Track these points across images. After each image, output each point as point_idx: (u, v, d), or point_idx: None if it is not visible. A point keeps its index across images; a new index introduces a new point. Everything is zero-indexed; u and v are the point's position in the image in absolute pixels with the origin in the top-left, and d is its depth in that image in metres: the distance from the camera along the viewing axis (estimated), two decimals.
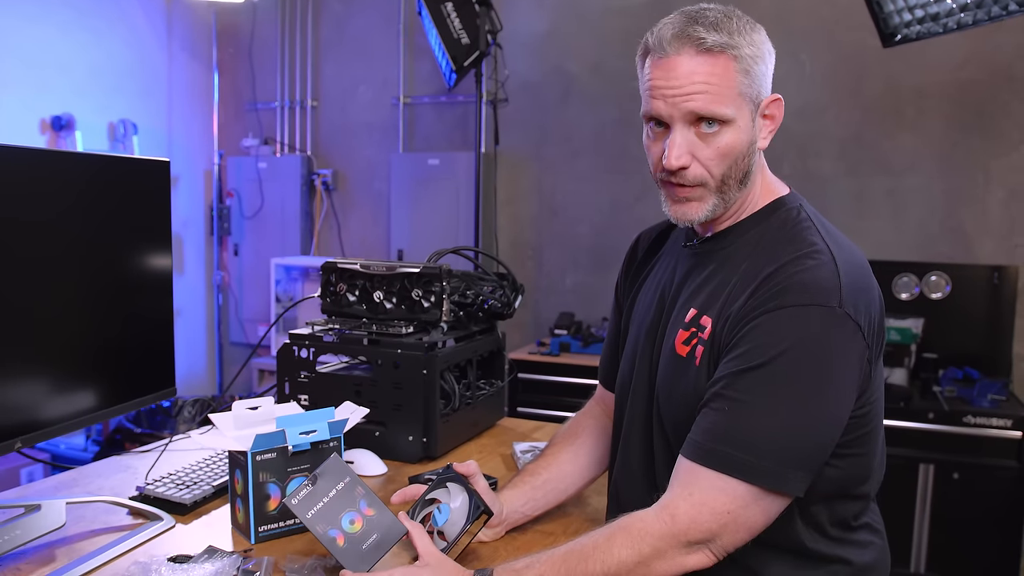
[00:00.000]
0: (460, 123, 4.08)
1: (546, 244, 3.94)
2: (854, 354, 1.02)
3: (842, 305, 1.00)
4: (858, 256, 1.10)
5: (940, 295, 3.12)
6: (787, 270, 1.04)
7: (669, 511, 1.01)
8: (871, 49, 2.87)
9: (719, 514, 0.99)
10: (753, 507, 1.00)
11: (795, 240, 1.08)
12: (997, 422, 2.69)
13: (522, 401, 3.36)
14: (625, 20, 3.58)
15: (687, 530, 0.99)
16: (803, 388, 1.00)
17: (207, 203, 4.59)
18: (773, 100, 1.12)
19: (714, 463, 1.00)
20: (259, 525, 1.21)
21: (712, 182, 1.10)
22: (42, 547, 1.18)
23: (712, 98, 1.06)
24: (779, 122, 1.14)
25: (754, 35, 1.10)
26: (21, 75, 3.57)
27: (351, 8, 4.31)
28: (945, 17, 2.16)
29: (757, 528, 1.02)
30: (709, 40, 1.06)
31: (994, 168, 3.14)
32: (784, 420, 1.00)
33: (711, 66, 1.06)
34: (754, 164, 1.12)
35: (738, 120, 1.07)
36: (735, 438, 1.00)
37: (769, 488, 0.99)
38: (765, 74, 1.10)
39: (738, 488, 0.99)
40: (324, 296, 1.75)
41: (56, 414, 1.25)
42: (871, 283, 1.08)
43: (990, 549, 2.72)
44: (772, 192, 1.17)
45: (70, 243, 1.27)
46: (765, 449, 0.99)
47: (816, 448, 1.02)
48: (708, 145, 1.08)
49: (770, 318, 1.01)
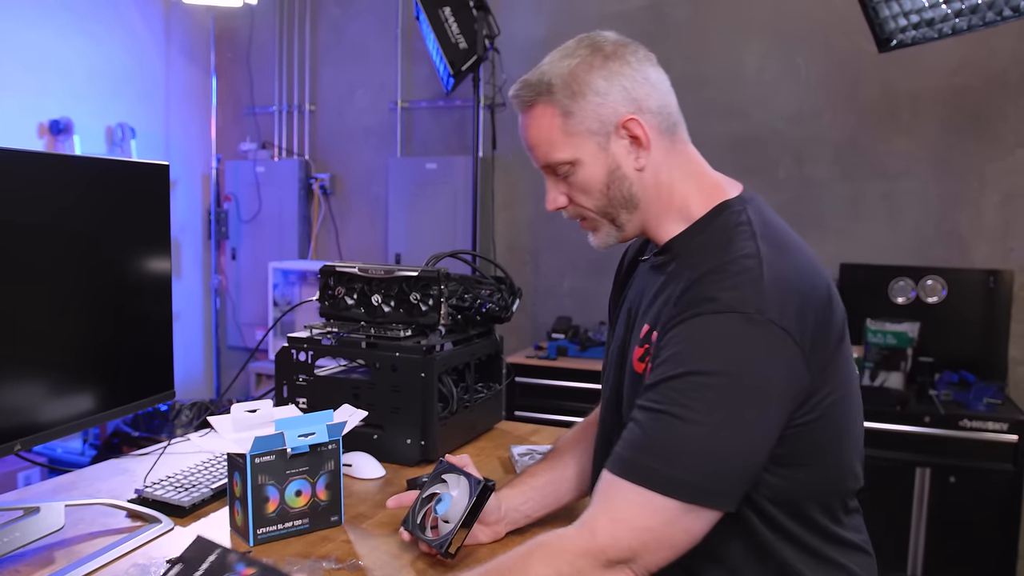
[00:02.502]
0: (458, 127, 4.09)
1: (543, 248, 3.95)
2: (781, 361, 0.97)
3: (761, 311, 0.96)
4: (800, 259, 1.06)
5: (936, 299, 3.13)
6: (709, 278, 1.02)
7: (589, 527, 0.97)
8: (866, 54, 2.89)
9: (640, 530, 0.95)
10: (676, 524, 0.95)
11: (727, 246, 1.05)
12: (993, 426, 2.70)
13: (520, 405, 3.36)
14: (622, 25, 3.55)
15: (607, 548, 0.95)
16: (723, 398, 0.96)
17: (205, 207, 4.59)
18: (626, 121, 1.09)
19: (634, 476, 0.96)
20: (258, 527, 1.21)
21: (591, 214, 1.15)
22: (41, 549, 1.18)
23: (546, 149, 1.12)
24: (647, 140, 1.10)
25: (576, 71, 1.10)
26: (19, 79, 3.57)
27: (349, 13, 4.32)
28: (940, 22, 2.18)
29: (680, 546, 0.97)
30: (524, 95, 1.14)
31: (989, 172, 3.15)
32: (704, 431, 0.95)
33: (535, 119, 1.13)
34: (635, 186, 1.12)
35: (582, 157, 1.11)
36: (655, 450, 0.96)
37: (691, 502, 0.95)
38: (601, 103, 1.09)
39: (658, 502, 0.95)
40: (322, 299, 1.76)
41: (55, 416, 1.25)
42: (810, 285, 1.03)
43: (986, 552, 2.72)
44: (716, 196, 1.13)
45: (69, 246, 1.28)
46: (686, 462, 0.95)
47: (740, 460, 0.97)
48: (571, 185, 1.14)
49: (687, 326, 1.00)
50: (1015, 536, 2.70)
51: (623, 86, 1.10)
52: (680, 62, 3.55)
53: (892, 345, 2.93)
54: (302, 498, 1.25)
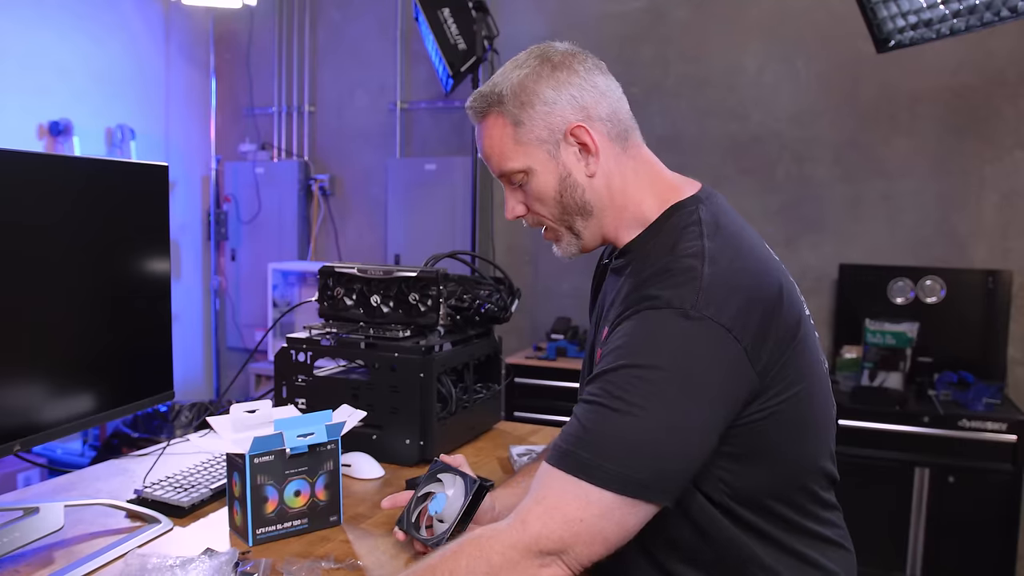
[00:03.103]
0: (457, 128, 4.09)
1: (542, 249, 3.95)
2: (719, 359, 0.98)
3: (697, 308, 0.97)
4: (748, 258, 1.07)
5: (935, 299, 3.13)
6: (653, 278, 1.04)
7: (521, 518, 0.96)
8: (865, 55, 2.89)
9: (571, 521, 0.94)
10: (608, 516, 0.95)
11: (673, 246, 1.07)
12: (992, 426, 2.70)
13: (519, 406, 3.36)
14: (621, 25, 3.60)
15: (538, 538, 0.94)
16: (658, 391, 0.96)
17: (204, 208, 4.59)
18: (574, 128, 1.11)
19: (567, 466, 0.96)
20: (257, 527, 1.22)
21: (550, 223, 1.17)
22: (40, 549, 1.19)
23: (498, 159, 1.15)
24: (595, 148, 1.12)
25: (525, 81, 1.12)
26: (19, 80, 3.58)
27: (348, 14, 4.33)
28: (938, 23, 2.18)
29: (612, 540, 0.96)
30: (477, 106, 1.16)
31: (988, 172, 3.16)
32: (639, 424, 0.95)
33: (487, 128, 1.16)
34: (587, 192, 1.14)
35: (534, 166, 1.13)
36: (591, 442, 0.96)
37: (624, 495, 0.94)
38: (549, 112, 1.11)
39: (591, 494, 0.94)
40: (321, 300, 1.76)
41: (55, 417, 1.25)
42: (756, 283, 1.04)
43: (985, 553, 2.73)
44: (670, 198, 1.15)
45: (69, 247, 1.28)
46: (621, 454, 0.95)
47: (676, 454, 0.97)
48: (526, 195, 1.16)
49: (628, 323, 1.01)
50: (1014, 536, 2.70)
51: (571, 95, 1.12)
52: (680, 63, 3.55)
53: (891, 345, 2.93)
54: (301, 498, 1.25)
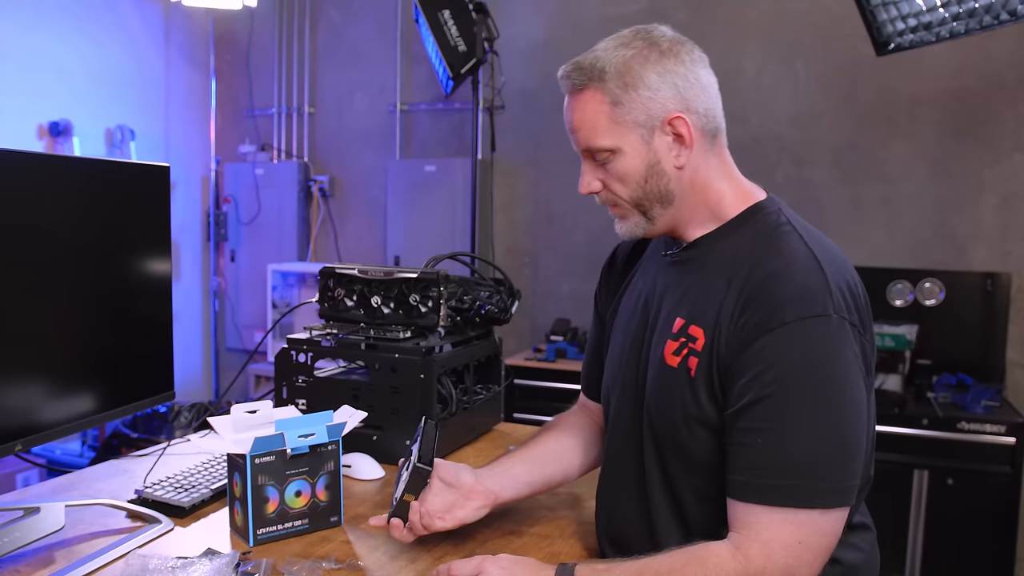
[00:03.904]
0: (457, 130, 4.09)
1: (542, 250, 3.95)
2: (856, 355, 1.03)
3: (836, 310, 1.01)
4: (840, 255, 1.11)
5: (934, 302, 3.14)
6: (775, 283, 1.04)
7: (743, 552, 1.00)
8: (865, 57, 2.90)
9: (791, 546, 0.99)
10: (820, 531, 1.00)
11: (779, 248, 1.08)
12: (991, 428, 2.70)
13: (519, 407, 3.36)
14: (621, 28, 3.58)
15: (762, 569, 0.99)
16: (822, 401, 1.00)
17: (204, 209, 4.59)
18: (673, 118, 1.11)
19: (769, 499, 1.00)
20: (258, 528, 1.22)
21: (624, 203, 1.16)
22: (41, 549, 1.19)
23: (587, 133, 1.13)
24: (691, 140, 1.12)
25: (631, 63, 1.11)
26: (19, 81, 3.58)
27: (348, 15, 4.33)
28: (938, 26, 2.19)
29: (826, 551, 1.01)
30: (576, 80, 1.13)
31: (987, 175, 3.16)
32: (816, 437, 0.99)
33: (582, 102, 1.13)
34: (672, 182, 1.13)
35: (623, 147, 1.12)
36: (780, 468, 1.00)
37: (826, 507, 0.99)
38: (651, 98, 1.10)
39: (799, 516, 0.99)
40: (322, 301, 1.76)
41: (56, 417, 1.26)
42: (853, 281, 1.09)
43: (984, 555, 2.73)
44: (747, 199, 1.17)
45: (69, 248, 1.28)
46: (809, 471, 0.99)
47: (852, 454, 1.02)
48: (607, 172, 1.14)
49: (772, 337, 1.01)
50: (1013, 538, 2.70)
51: (675, 84, 1.11)
52: None
53: (890, 347, 2.93)
54: (302, 498, 1.26)
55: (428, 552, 1.21)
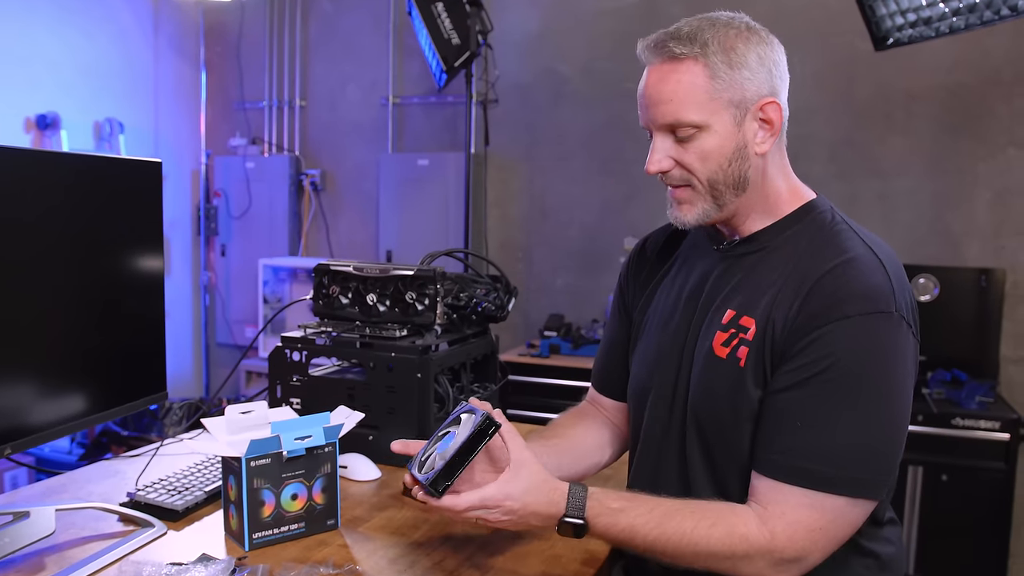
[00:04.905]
0: (450, 124, 4.06)
1: (536, 245, 3.93)
2: (911, 354, 1.05)
3: (898, 309, 1.03)
4: (895, 257, 1.12)
5: (928, 297, 3.13)
6: (839, 277, 1.05)
7: (769, 528, 1.01)
8: (862, 52, 2.89)
9: (812, 531, 1.00)
10: (843, 519, 1.02)
11: (837, 244, 1.09)
12: (985, 424, 2.71)
13: (512, 403, 3.34)
14: (616, 21, 3.57)
15: (784, 548, 1.00)
16: (874, 395, 1.01)
17: (194, 203, 4.55)
18: (767, 103, 1.10)
19: (800, 480, 1.01)
20: (253, 532, 1.19)
21: (699, 185, 1.12)
22: (31, 555, 1.16)
23: (678, 106, 1.08)
24: (778, 127, 1.12)
25: (735, 41, 1.09)
26: (6, 73, 3.53)
27: (340, 7, 4.29)
28: (937, 21, 2.17)
29: (844, 539, 1.03)
30: (676, 49, 1.08)
31: (982, 171, 3.16)
32: (860, 429, 1.01)
33: (678, 73, 1.08)
34: (751, 169, 1.11)
35: (714, 125, 1.09)
36: (816, 453, 1.01)
37: (855, 497, 1.01)
38: (750, 79, 1.09)
39: (826, 502, 1.00)
40: (316, 298, 1.73)
41: (45, 419, 1.23)
42: (906, 280, 1.10)
43: (978, 551, 2.73)
44: (800, 196, 1.18)
45: (58, 244, 1.25)
46: (847, 460, 1.00)
47: (892, 451, 1.03)
48: (687, 150, 1.10)
49: (835, 327, 1.02)
50: (1007, 534, 2.71)
51: (770, 70, 1.11)
52: None
53: None
54: (298, 502, 1.23)
55: (427, 556, 1.20)
